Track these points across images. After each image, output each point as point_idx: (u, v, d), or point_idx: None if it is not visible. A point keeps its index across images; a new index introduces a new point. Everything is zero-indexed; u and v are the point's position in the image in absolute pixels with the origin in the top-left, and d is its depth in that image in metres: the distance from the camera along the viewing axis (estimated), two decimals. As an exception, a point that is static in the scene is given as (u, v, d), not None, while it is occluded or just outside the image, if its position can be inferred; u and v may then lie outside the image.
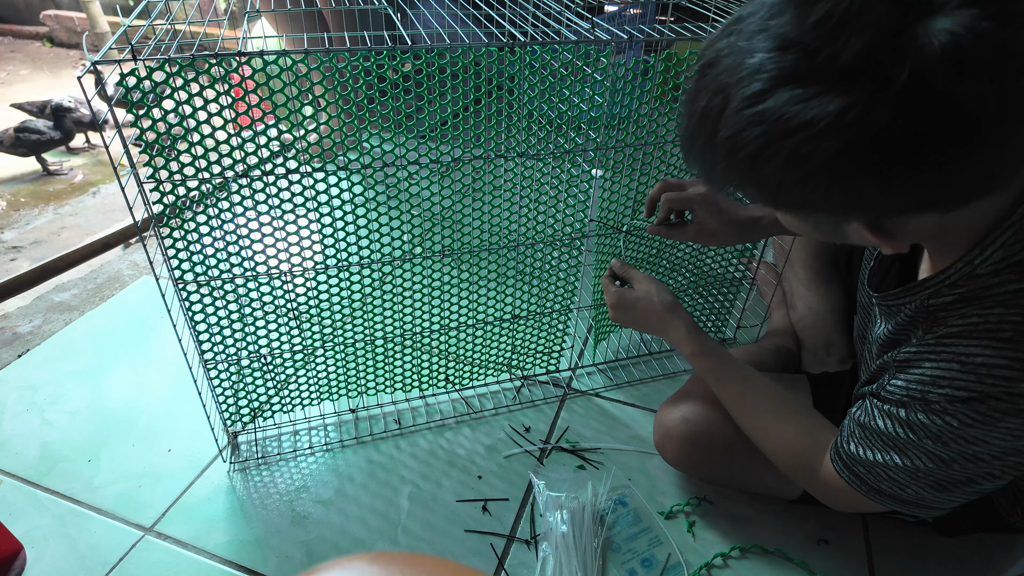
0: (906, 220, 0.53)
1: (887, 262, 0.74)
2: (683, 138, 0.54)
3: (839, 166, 0.44)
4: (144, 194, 0.73)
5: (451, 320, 1.06)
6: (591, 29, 0.84)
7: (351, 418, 1.11)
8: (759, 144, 0.45)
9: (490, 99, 0.83)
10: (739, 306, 1.29)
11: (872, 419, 0.65)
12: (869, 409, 0.66)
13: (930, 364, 0.59)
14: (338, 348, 1.01)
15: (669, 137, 0.97)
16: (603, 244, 1.07)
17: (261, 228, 0.84)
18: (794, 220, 0.58)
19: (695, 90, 0.50)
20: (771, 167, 0.46)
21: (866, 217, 0.51)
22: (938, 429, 0.59)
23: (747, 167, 0.47)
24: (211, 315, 0.89)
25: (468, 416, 1.12)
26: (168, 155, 0.73)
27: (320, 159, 0.81)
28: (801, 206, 0.50)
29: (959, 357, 0.57)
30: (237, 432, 1.07)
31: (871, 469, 0.66)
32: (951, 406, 0.57)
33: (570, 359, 1.23)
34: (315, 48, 0.71)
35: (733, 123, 0.46)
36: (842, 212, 0.50)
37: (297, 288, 0.92)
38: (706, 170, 0.52)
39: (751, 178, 0.48)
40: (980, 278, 0.57)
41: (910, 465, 0.62)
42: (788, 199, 0.49)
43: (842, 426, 0.71)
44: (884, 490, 0.66)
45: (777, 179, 0.47)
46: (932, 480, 0.63)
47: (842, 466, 0.69)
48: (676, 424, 0.92)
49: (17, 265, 1.56)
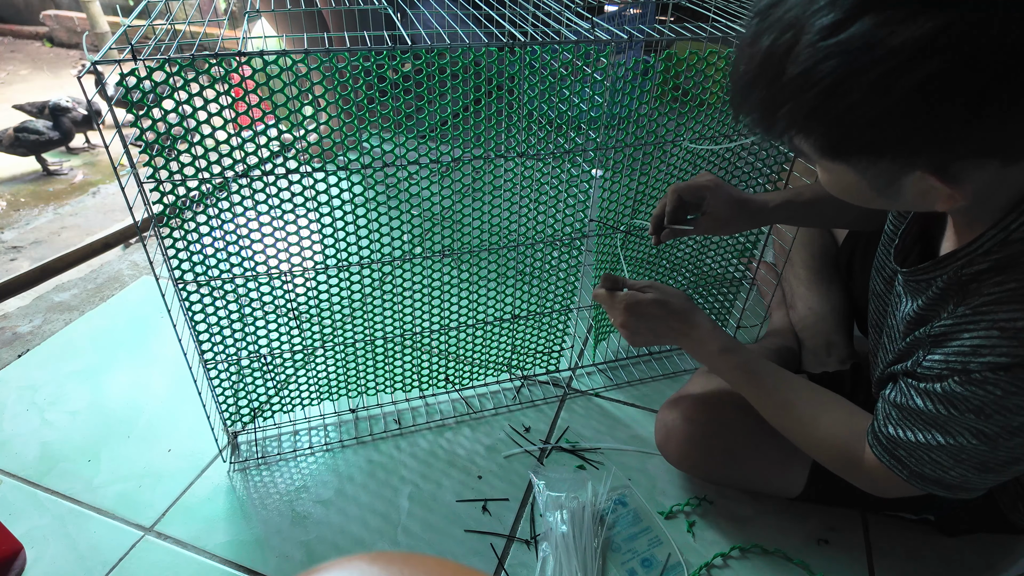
0: (972, 167, 0.50)
1: (909, 241, 0.72)
2: (738, 87, 0.52)
3: (929, 93, 0.42)
4: (144, 194, 0.73)
5: (451, 320, 1.06)
6: (591, 29, 0.84)
7: (351, 418, 1.11)
8: (838, 76, 0.44)
9: (490, 99, 0.83)
10: (739, 306, 1.29)
11: (909, 399, 0.63)
12: (905, 389, 0.64)
13: (969, 334, 0.58)
14: (338, 348, 1.01)
15: (669, 137, 0.97)
16: (603, 244, 1.07)
17: (261, 228, 0.84)
18: (845, 176, 0.55)
19: (755, 33, 0.49)
20: (849, 100, 0.44)
21: (936, 160, 0.49)
22: (980, 401, 0.57)
23: (820, 103, 0.45)
24: (211, 315, 0.89)
25: (468, 416, 1.12)
26: (168, 155, 0.73)
27: (320, 159, 0.81)
28: (868, 149, 0.48)
29: (998, 324, 0.56)
30: (237, 432, 1.07)
31: (912, 451, 0.64)
32: (993, 375, 0.56)
33: (570, 359, 1.23)
34: (315, 48, 0.71)
35: (806, 57, 0.45)
36: (912, 155, 0.48)
37: (297, 288, 0.92)
38: (766, 117, 0.50)
39: (822, 117, 0.46)
40: (1014, 243, 0.56)
41: (953, 443, 0.61)
42: (857, 141, 0.47)
43: (876, 409, 0.69)
44: (927, 474, 0.64)
45: (853, 116, 0.45)
46: (976, 461, 0.61)
47: (882, 450, 0.67)
48: (678, 423, 0.92)
49: (17, 265, 1.56)
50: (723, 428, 0.89)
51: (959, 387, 0.58)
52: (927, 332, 0.63)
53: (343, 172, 0.82)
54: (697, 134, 0.97)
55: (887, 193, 0.55)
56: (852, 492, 0.80)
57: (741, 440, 0.88)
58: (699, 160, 1.03)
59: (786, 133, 0.51)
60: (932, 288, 0.64)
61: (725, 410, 0.90)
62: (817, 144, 0.51)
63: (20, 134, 1.97)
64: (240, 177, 0.78)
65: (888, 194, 0.55)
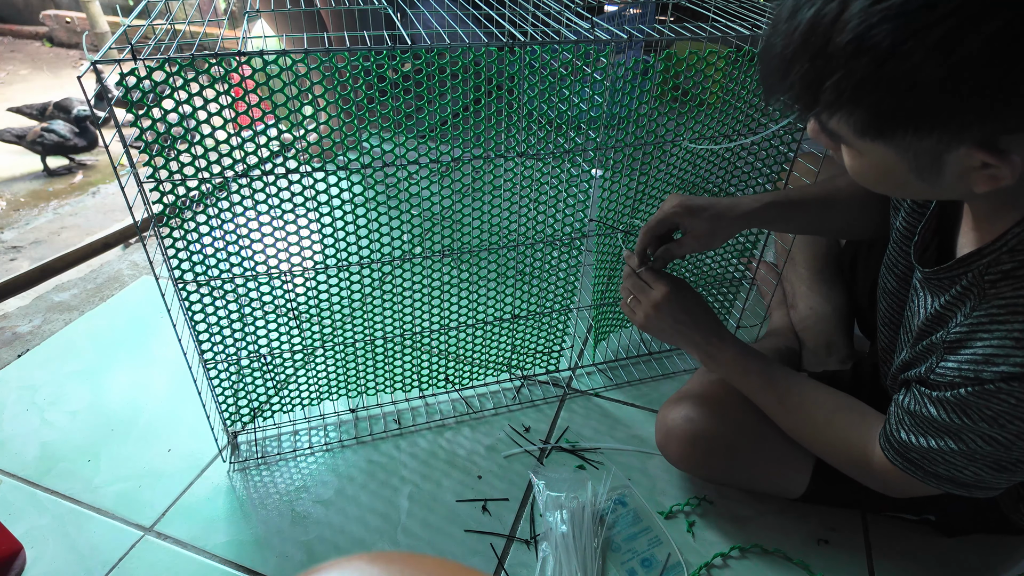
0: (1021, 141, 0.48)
1: (928, 236, 0.71)
2: (774, 65, 0.50)
3: (997, 51, 0.41)
4: (144, 194, 0.73)
5: (451, 320, 1.06)
6: (591, 29, 0.84)
7: (351, 418, 1.11)
8: (896, 39, 0.42)
9: (490, 99, 0.83)
10: (739, 306, 1.29)
11: (923, 407, 0.63)
12: (918, 397, 0.64)
13: (982, 343, 0.57)
14: (338, 348, 1.01)
15: (669, 137, 0.97)
16: (603, 244, 1.07)
17: (261, 228, 0.84)
18: (883, 158, 0.52)
19: (793, 7, 0.47)
20: (908, 64, 0.43)
21: (988, 131, 0.47)
22: (993, 411, 0.57)
23: (874, 70, 0.44)
24: (211, 315, 0.89)
25: (468, 416, 1.12)
26: (168, 155, 0.73)
27: (320, 159, 0.81)
28: (918, 122, 0.46)
29: (1013, 333, 0.55)
30: (237, 432, 1.07)
31: (925, 455, 0.64)
32: (1007, 384, 0.55)
33: (570, 359, 1.23)
34: (315, 48, 0.71)
35: (858, 23, 0.43)
36: (964, 127, 0.46)
37: (297, 288, 0.92)
38: (808, 92, 0.48)
39: (874, 85, 0.45)
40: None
41: (966, 449, 0.61)
42: (909, 112, 0.46)
43: (889, 414, 0.69)
44: (942, 474, 0.65)
45: (910, 81, 0.43)
46: (991, 461, 0.61)
47: (894, 454, 0.67)
48: (679, 424, 0.91)
49: (17, 265, 1.56)
50: (725, 427, 0.89)
51: (972, 397, 0.58)
52: (943, 337, 0.63)
53: (343, 172, 0.82)
54: (697, 134, 0.97)
55: (927, 174, 0.52)
56: (854, 492, 0.80)
57: (743, 440, 0.88)
58: (699, 160, 1.03)
59: (830, 109, 0.49)
60: (955, 287, 0.63)
61: (727, 409, 0.89)
62: (861, 121, 0.49)
63: (46, 133, 1.94)
64: (240, 177, 0.78)
65: (928, 175, 0.52)
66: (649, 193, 1.05)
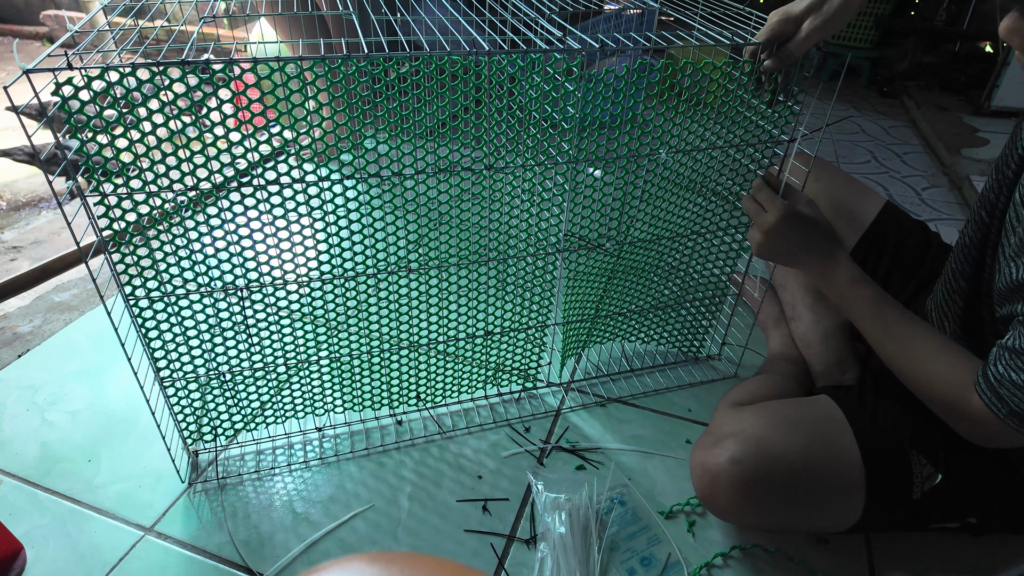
0: None
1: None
2: None
3: None
4: (88, 208, 0.69)
5: (420, 337, 1.02)
6: (563, 38, 0.81)
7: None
8: None
9: (467, 115, 0.80)
10: (723, 320, 1.28)
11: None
12: (1021, 335, 0.65)
13: None
14: (301, 366, 0.97)
15: (644, 152, 0.93)
16: (579, 256, 1.03)
17: (215, 243, 0.80)
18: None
19: None
20: None
21: None
22: None
23: None
24: (165, 332, 0.85)
25: (439, 436, 1.11)
26: (112, 171, 0.68)
27: (275, 171, 0.77)
28: None
29: None
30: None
31: (1016, 391, 0.65)
32: None
33: (560, 373, 1.23)
34: (267, 58, 0.67)
35: None
36: None
37: (256, 304, 0.88)
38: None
39: None
40: None
41: None
42: None
43: (990, 354, 0.70)
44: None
45: None
46: None
47: (987, 387, 0.68)
48: (725, 467, 0.80)
49: (17, 265, 1.56)
50: (778, 463, 0.80)
51: None
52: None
53: (300, 185, 0.79)
54: (678, 139, 0.94)
55: None
56: (905, 513, 0.80)
57: (799, 470, 0.81)
58: (680, 166, 0.99)
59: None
60: None
61: (774, 445, 0.81)
62: None
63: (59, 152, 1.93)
64: (190, 190, 0.74)
65: None
66: (629, 203, 1.00)
